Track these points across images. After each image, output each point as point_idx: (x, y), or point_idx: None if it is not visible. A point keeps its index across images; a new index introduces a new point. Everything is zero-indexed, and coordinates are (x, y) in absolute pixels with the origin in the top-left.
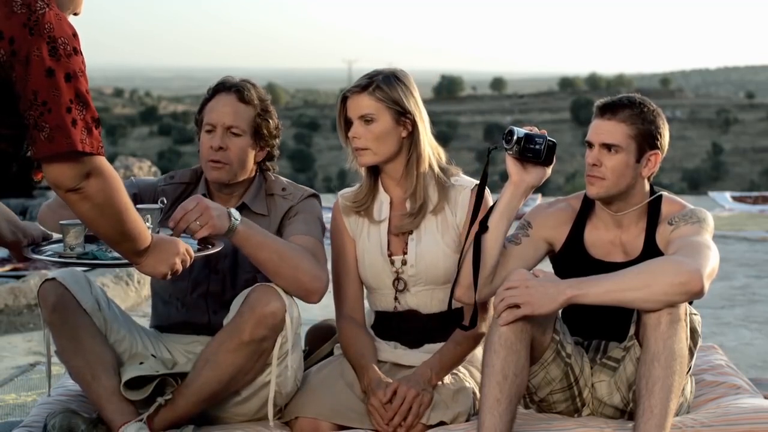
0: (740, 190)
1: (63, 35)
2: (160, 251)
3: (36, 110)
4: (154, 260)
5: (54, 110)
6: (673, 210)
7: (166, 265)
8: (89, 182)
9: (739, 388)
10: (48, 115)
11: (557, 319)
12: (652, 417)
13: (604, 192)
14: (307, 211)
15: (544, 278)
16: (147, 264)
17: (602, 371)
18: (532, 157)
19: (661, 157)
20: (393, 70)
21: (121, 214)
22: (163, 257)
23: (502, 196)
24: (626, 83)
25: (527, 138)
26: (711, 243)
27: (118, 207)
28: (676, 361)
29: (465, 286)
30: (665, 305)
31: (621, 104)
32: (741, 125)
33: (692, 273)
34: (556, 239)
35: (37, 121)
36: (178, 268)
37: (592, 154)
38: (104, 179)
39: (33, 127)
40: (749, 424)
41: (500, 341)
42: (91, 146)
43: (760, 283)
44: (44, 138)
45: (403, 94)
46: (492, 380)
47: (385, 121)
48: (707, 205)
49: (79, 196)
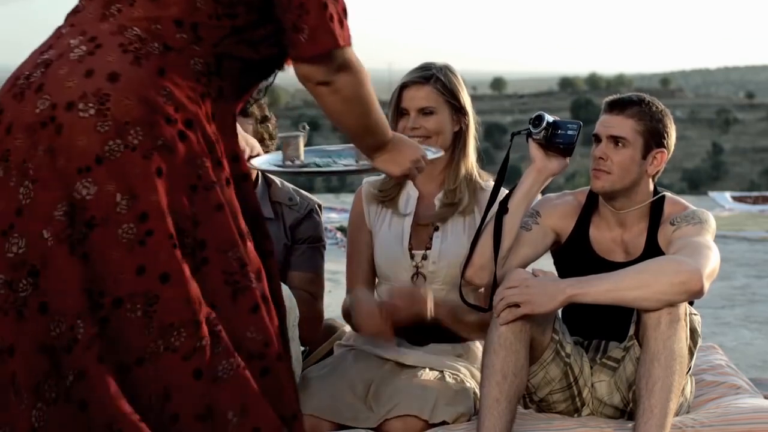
0: (740, 190)
1: None
2: (398, 151)
3: (293, 13)
4: (389, 159)
5: (312, 11)
6: (676, 211)
7: (398, 167)
8: (340, 75)
9: (739, 388)
10: (306, 16)
11: (556, 319)
12: (653, 417)
13: (609, 186)
14: (310, 235)
15: (544, 278)
16: (380, 161)
17: (602, 371)
18: (561, 143)
19: (667, 157)
20: (446, 64)
21: (368, 107)
22: (398, 158)
23: (524, 181)
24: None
25: (555, 125)
26: (712, 244)
27: (365, 99)
28: (675, 361)
29: (478, 266)
30: (665, 305)
31: (630, 101)
32: (741, 125)
33: (692, 272)
34: (562, 230)
35: (296, 24)
36: (413, 174)
37: (599, 148)
38: (354, 72)
39: (292, 30)
40: (749, 424)
41: (499, 341)
42: (344, 39)
43: (760, 283)
44: (305, 39)
45: (460, 90)
46: (491, 380)
47: (444, 115)
48: (707, 205)
49: (329, 89)
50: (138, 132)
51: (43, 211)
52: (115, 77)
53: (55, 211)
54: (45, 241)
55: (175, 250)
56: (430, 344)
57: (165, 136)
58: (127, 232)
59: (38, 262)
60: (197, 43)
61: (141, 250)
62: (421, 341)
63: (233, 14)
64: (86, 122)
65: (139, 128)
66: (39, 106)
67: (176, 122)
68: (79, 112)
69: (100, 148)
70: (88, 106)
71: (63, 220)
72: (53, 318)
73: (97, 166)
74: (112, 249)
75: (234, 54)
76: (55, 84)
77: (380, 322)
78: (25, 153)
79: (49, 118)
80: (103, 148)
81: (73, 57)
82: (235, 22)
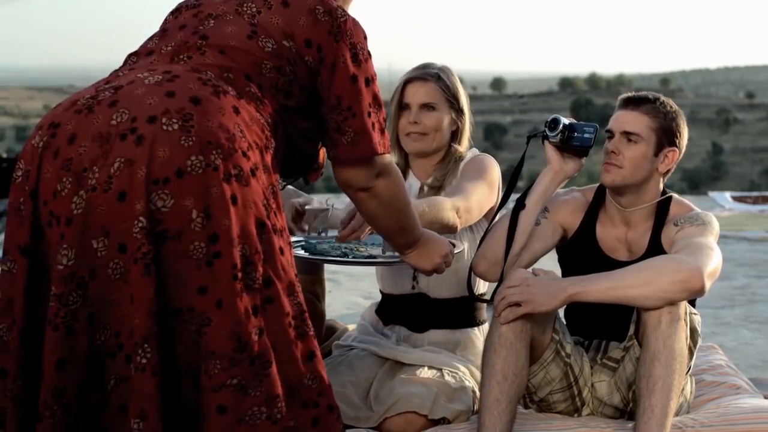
0: (740, 190)
1: (360, 41)
2: (427, 248)
3: (340, 115)
4: (419, 255)
5: (357, 115)
6: (681, 212)
7: (429, 262)
8: (378, 181)
9: (739, 388)
10: (352, 119)
11: (557, 319)
12: (653, 416)
13: (620, 180)
14: None
15: (545, 277)
16: (412, 257)
17: (602, 371)
18: (578, 146)
19: (678, 157)
20: (444, 66)
21: (403, 210)
22: (429, 254)
23: (541, 180)
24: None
25: (571, 127)
26: (714, 245)
27: (402, 203)
28: (676, 360)
29: (491, 261)
30: (666, 303)
31: (646, 98)
32: (741, 125)
33: (693, 271)
34: (569, 226)
35: (340, 125)
36: (442, 269)
37: (612, 142)
38: (392, 177)
39: (335, 130)
40: (749, 424)
41: (500, 341)
42: (383, 146)
43: (760, 283)
44: (347, 142)
45: (459, 91)
46: (492, 380)
47: (443, 113)
48: (707, 205)
49: (369, 194)
50: (219, 154)
51: (112, 223)
52: (198, 101)
53: (133, 227)
54: (96, 252)
55: (235, 282)
56: (429, 330)
57: (242, 167)
58: (197, 249)
59: (87, 273)
60: (262, 101)
61: (207, 270)
62: (420, 328)
63: (289, 92)
64: (170, 135)
65: (220, 151)
66: (115, 119)
67: (249, 159)
68: (162, 125)
69: (183, 162)
70: (171, 121)
71: (139, 238)
72: (99, 327)
73: (177, 180)
74: (181, 263)
75: (287, 129)
76: (132, 100)
77: None
78: (90, 161)
79: (128, 129)
80: (186, 162)
81: (150, 82)
82: (289, 102)
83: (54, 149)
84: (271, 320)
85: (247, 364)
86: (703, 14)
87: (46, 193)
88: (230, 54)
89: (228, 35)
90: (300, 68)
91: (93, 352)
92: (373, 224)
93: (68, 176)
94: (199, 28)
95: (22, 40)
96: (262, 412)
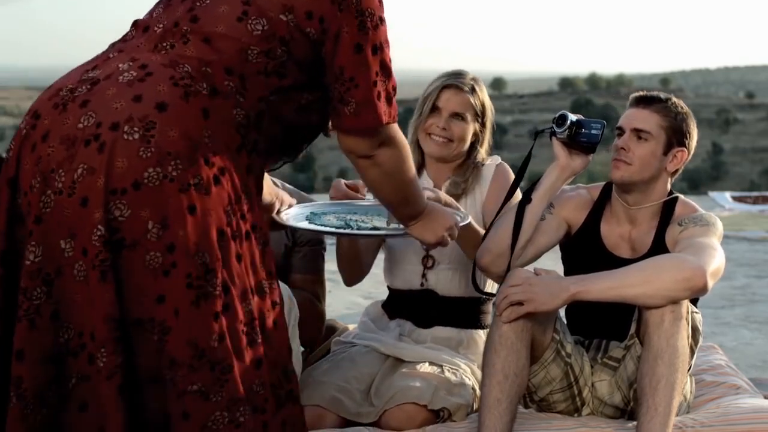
0: (740, 190)
1: (371, 6)
2: (431, 220)
3: (342, 85)
4: (423, 227)
5: (361, 85)
6: (686, 212)
7: (433, 235)
8: (382, 150)
9: (739, 388)
10: (354, 90)
11: (557, 319)
12: (657, 415)
13: (628, 177)
14: (312, 237)
15: (547, 276)
16: (416, 228)
17: (603, 371)
18: (585, 142)
19: (687, 158)
20: (477, 77)
21: (408, 180)
22: (433, 227)
23: (548, 176)
24: (626, 83)
25: (579, 123)
26: (717, 245)
27: (405, 174)
28: (679, 359)
29: (496, 254)
30: (668, 301)
31: (657, 97)
32: (741, 125)
33: (695, 269)
34: (574, 222)
35: (343, 96)
36: (446, 242)
37: (622, 139)
38: (396, 147)
39: (338, 100)
40: (749, 424)
41: (501, 341)
42: (389, 116)
43: (760, 283)
44: (349, 112)
45: (487, 106)
46: (492, 380)
47: (470, 125)
48: (707, 205)
49: (371, 162)
50: (178, 164)
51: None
52: (163, 107)
53: (92, 234)
54: (63, 252)
55: (191, 291)
56: (434, 326)
57: (202, 176)
58: (154, 259)
59: (53, 271)
60: (243, 93)
61: (164, 280)
62: (426, 324)
63: (282, 73)
64: (130, 145)
65: (180, 161)
66: (83, 122)
67: (213, 166)
68: (124, 134)
69: (140, 174)
70: (133, 130)
71: (98, 245)
72: (63, 325)
73: (134, 191)
74: (138, 273)
75: (276, 113)
76: (101, 103)
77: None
78: (57, 164)
79: (92, 136)
80: (143, 174)
81: (122, 80)
82: (283, 82)
83: (32, 142)
84: (230, 326)
85: (207, 370)
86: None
87: (25, 184)
88: (215, 43)
89: (218, 17)
90: (297, 44)
91: (56, 350)
92: (375, 193)
93: (38, 175)
94: (195, 4)
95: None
96: (224, 416)
